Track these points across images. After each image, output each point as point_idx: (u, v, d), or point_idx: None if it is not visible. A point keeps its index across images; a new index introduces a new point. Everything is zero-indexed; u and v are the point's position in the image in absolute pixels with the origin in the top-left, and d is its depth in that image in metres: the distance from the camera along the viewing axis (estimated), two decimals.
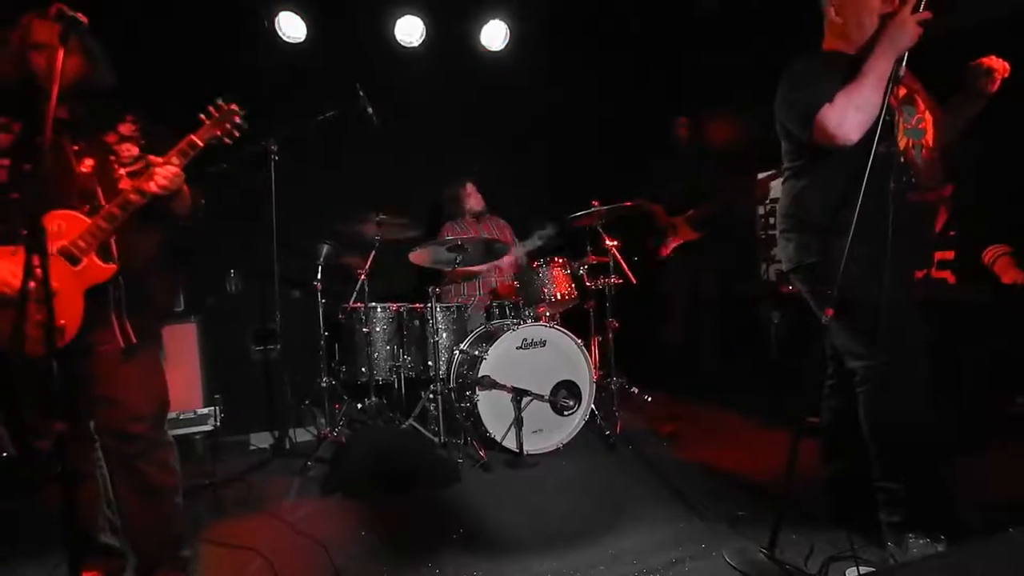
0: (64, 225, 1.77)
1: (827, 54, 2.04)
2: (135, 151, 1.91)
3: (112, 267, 1.84)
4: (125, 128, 1.92)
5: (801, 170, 2.06)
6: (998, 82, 1.98)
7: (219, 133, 1.91)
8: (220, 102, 1.92)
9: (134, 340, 1.88)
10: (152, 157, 1.82)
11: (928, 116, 2.01)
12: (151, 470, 1.93)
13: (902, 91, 1.91)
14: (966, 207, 3.27)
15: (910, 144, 1.96)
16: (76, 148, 1.84)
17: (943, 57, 2.02)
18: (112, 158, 1.88)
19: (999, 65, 1.96)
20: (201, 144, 1.88)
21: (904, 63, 1.82)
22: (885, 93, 1.80)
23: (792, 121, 1.98)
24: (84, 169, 1.84)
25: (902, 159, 1.92)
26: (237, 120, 1.93)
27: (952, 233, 3.30)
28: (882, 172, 1.83)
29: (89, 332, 1.84)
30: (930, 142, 2.00)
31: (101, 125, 1.90)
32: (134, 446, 1.89)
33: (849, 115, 1.80)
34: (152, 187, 1.79)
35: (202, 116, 1.91)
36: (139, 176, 1.84)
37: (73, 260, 1.77)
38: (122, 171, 1.87)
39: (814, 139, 1.89)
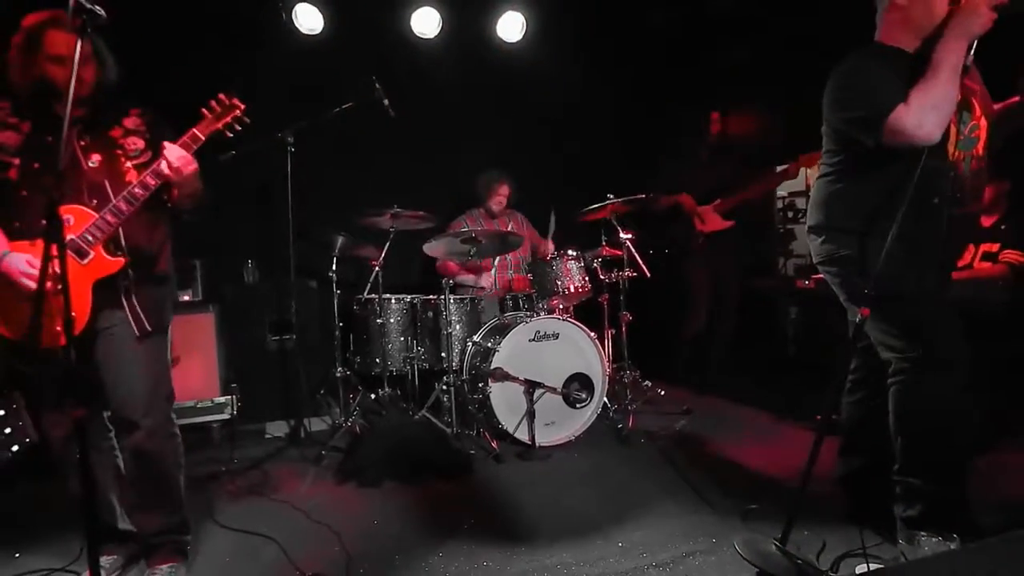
0: (73, 219, 1.80)
1: (880, 49, 1.90)
2: (141, 144, 1.95)
3: (120, 260, 1.87)
4: (130, 122, 1.97)
5: (840, 171, 1.96)
6: None
7: (220, 127, 1.97)
8: (222, 96, 1.97)
9: (149, 328, 1.93)
10: (166, 143, 1.86)
11: (983, 123, 1.89)
12: (160, 452, 1.97)
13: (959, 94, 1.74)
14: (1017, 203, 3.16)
15: (961, 157, 1.85)
16: (83, 144, 1.87)
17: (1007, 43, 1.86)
18: (119, 152, 1.92)
19: None
20: (203, 137, 1.93)
21: (972, 53, 1.70)
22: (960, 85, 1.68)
23: (852, 124, 1.85)
24: (92, 164, 1.88)
25: (951, 173, 1.80)
26: (239, 114, 1.98)
27: (1004, 227, 3.19)
28: (927, 186, 1.73)
29: (101, 321, 1.89)
30: (980, 151, 1.89)
31: (107, 121, 1.95)
32: (138, 431, 1.92)
33: (928, 114, 1.68)
34: (165, 169, 1.82)
35: (204, 110, 1.95)
36: (146, 168, 1.88)
37: (80, 253, 1.80)
38: (128, 164, 1.92)
39: (885, 142, 1.76)
